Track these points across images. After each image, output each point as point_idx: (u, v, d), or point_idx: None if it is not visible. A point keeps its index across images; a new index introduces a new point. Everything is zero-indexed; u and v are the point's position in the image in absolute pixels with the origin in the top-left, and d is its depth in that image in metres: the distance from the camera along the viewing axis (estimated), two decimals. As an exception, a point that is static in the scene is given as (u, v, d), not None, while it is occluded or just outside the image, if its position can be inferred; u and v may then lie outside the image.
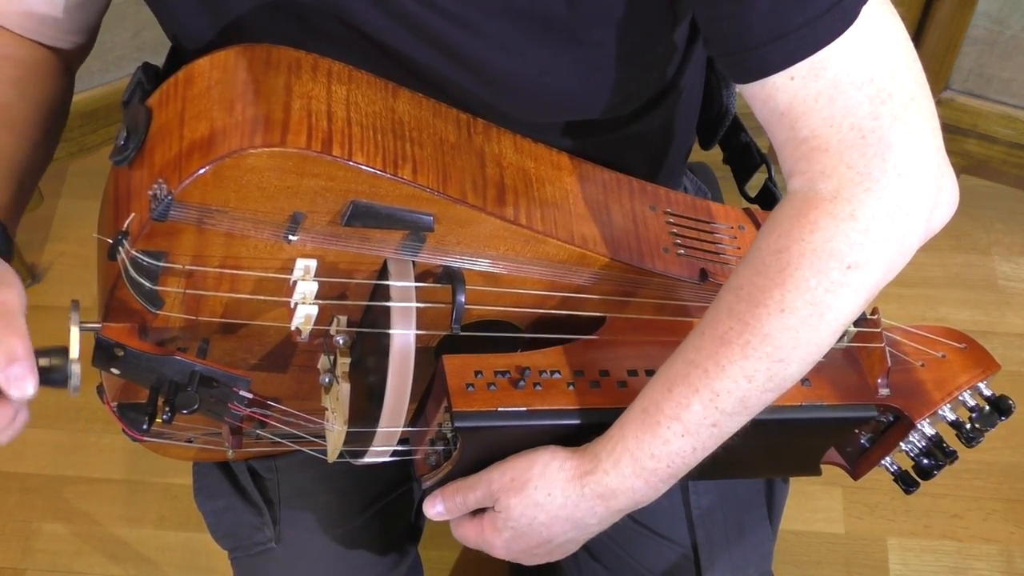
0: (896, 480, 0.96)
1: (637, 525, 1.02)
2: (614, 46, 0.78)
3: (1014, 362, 1.73)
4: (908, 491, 0.95)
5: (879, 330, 0.90)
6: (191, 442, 0.94)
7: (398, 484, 1.08)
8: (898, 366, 0.91)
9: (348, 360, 0.82)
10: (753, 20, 0.71)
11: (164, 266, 0.75)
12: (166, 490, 1.63)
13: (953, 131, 1.76)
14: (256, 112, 0.72)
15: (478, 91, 0.80)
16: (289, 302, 0.79)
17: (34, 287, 1.80)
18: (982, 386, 0.92)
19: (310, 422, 0.87)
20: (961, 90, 1.76)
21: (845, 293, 0.74)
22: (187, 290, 0.78)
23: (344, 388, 0.82)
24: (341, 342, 0.82)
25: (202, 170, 0.71)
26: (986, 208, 1.88)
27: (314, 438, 0.88)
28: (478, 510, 0.87)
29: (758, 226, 0.92)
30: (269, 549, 1.03)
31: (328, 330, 0.83)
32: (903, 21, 0.75)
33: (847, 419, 0.88)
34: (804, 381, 0.85)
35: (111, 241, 0.74)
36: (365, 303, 0.82)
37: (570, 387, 0.83)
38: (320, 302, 0.79)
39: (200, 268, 0.76)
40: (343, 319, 0.82)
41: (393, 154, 0.75)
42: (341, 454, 0.85)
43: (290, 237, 0.75)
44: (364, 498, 1.07)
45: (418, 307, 0.78)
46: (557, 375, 0.83)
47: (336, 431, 0.83)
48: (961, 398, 0.91)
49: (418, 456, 0.89)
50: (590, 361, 0.84)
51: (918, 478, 0.95)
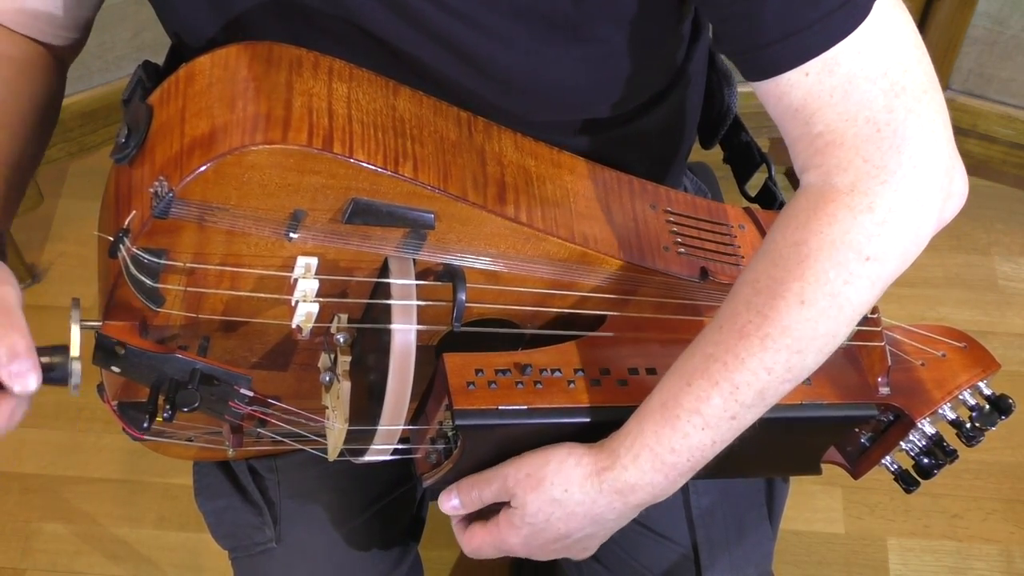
0: (896, 479, 0.96)
1: (637, 525, 1.01)
2: (619, 42, 0.79)
3: (1014, 362, 1.73)
4: (908, 490, 0.95)
5: (879, 329, 0.90)
6: (191, 441, 0.94)
7: (399, 483, 1.08)
8: (898, 365, 0.91)
9: (349, 358, 0.82)
10: (766, 17, 0.71)
11: (165, 264, 0.75)
12: (166, 490, 1.63)
13: (953, 131, 1.75)
14: (257, 109, 0.72)
15: (483, 89, 0.80)
16: (290, 300, 0.79)
17: (34, 287, 1.80)
18: (982, 385, 0.92)
19: (311, 420, 0.87)
20: (961, 90, 1.76)
21: (863, 284, 0.75)
22: (188, 288, 0.78)
23: (345, 386, 0.82)
24: (342, 340, 0.82)
25: (203, 167, 0.71)
26: (986, 208, 1.88)
27: (315, 437, 0.88)
28: (487, 515, 0.87)
29: (758, 225, 0.93)
30: (270, 549, 1.03)
31: (329, 328, 0.83)
32: (905, 21, 0.75)
33: (848, 418, 0.88)
34: (805, 380, 0.85)
35: (112, 239, 0.74)
36: (366, 301, 0.82)
37: (571, 385, 0.83)
38: (321, 300, 0.79)
39: (201, 266, 0.76)
40: (344, 317, 0.82)
41: (394, 152, 0.75)
42: (342, 453, 0.85)
43: (291, 235, 0.75)
44: (365, 497, 1.06)
45: (419, 305, 0.78)
46: (558, 373, 0.83)
47: (337, 430, 0.83)
48: (961, 397, 0.91)
49: (419, 455, 0.89)
50: (591, 359, 0.84)
51: (918, 477, 0.95)
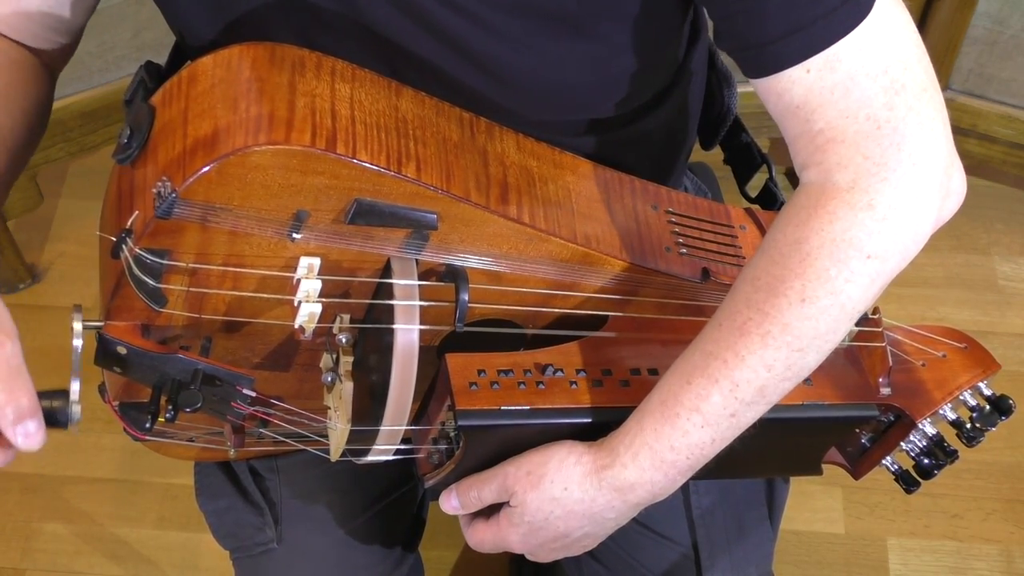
0: (897, 479, 0.96)
1: (637, 525, 1.01)
2: (621, 41, 0.79)
3: (1014, 362, 1.73)
4: (909, 491, 0.95)
5: (880, 330, 0.90)
6: (193, 441, 0.94)
7: (400, 484, 1.08)
8: (899, 366, 0.91)
9: (351, 359, 0.82)
10: (768, 14, 0.71)
11: (168, 264, 0.75)
12: (166, 490, 1.63)
13: (953, 131, 1.74)
14: (260, 110, 0.72)
15: (485, 86, 0.80)
16: (292, 300, 0.79)
17: (34, 287, 1.79)
18: (982, 386, 0.92)
19: (313, 421, 0.87)
20: (961, 90, 1.76)
21: (863, 282, 0.75)
22: (190, 288, 0.78)
23: (347, 387, 0.82)
24: (344, 340, 0.82)
25: (206, 168, 0.71)
26: (986, 208, 1.88)
27: (317, 437, 0.88)
28: (492, 511, 0.87)
29: (759, 226, 0.93)
30: (271, 549, 1.03)
31: (331, 328, 0.83)
32: (905, 20, 0.75)
33: (848, 418, 0.88)
34: (806, 380, 0.85)
35: (115, 239, 0.74)
36: (369, 301, 0.82)
37: (573, 386, 0.83)
38: (324, 300, 0.79)
39: (204, 266, 0.76)
40: (346, 317, 0.82)
41: (397, 152, 0.75)
42: (344, 453, 0.85)
43: (294, 235, 0.75)
44: (366, 498, 1.06)
45: (421, 305, 0.78)
46: (560, 374, 0.83)
47: (339, 430, 0.83)
48: (962, 398, 0.92)
49: (421, 455, 0.89)
50: (593, 360, 0.84)
51: (919, 478, 0.95)
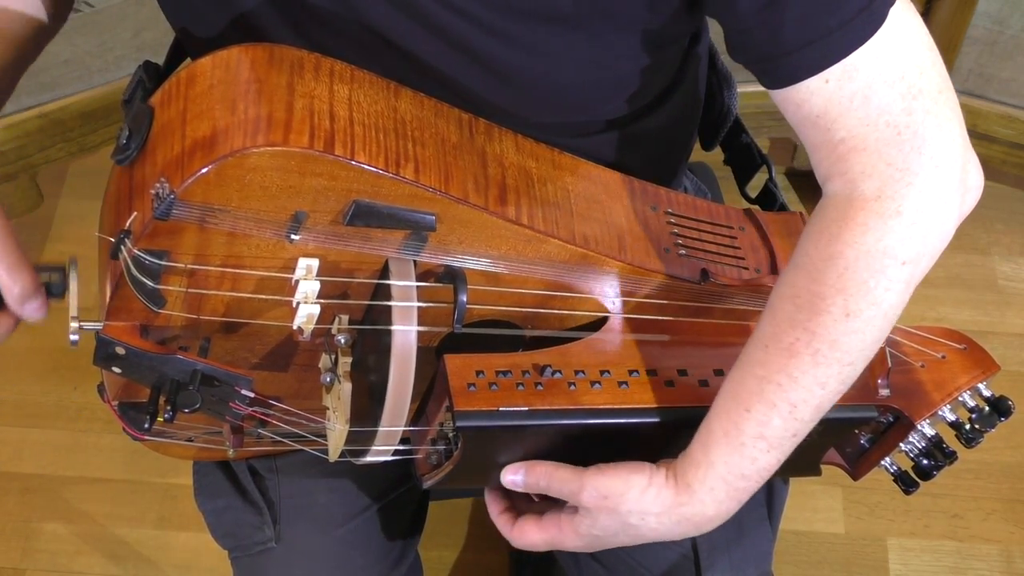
0: (896, 480, 0.96)
1: (637, 525, 1.02)
2: (621, 43, 0.78)
3: (1014, 362, 1.73)
4: (908, 491, 0.95)
5: (880, 330, 0.90)
6: (191, 441, 0.94)
7: (398, 484, 1.08)
8: (898, 367, 0.91)
9: (350, 359, 0.82)
10: (786, 27, 0.72)
11: (166, 265, 0.75)
12: (166, 490, 1.63)
13: (953, 131, 1.76)
14: (259, 111, 0.72)
15: (485, 87, 0.80)
16: (291, 301, 0.79)
17: (34, 287, 1.80)
18: (982, 387, 0.92)
19: (311, 421, 0.87)
20: (961, 90, 1.75)
21: (900, 288, 0.76)
22: (189, 289, 0.78)
23: (346, 387, 0.82)
24: (343, 341, 0.82)
25: (205, 169, 0.71)
26: (986, 208, 1.85)
27: (315, 437, 0.88)
28: (536, 510, 0.88)
29: (759, 227, 0.93)
30: (269, 549, 1.03)
31: (330, 329, 0.83)
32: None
33: (847, 419, 0.88)
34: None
35: (113, 240, 0.74)
36: (367, 302, 0.82)
37: (571, 387, 0.83)
38: (322, 301, 0.79)
39: (202, 267, 0.76)
40: (345, 318, 0.82)
41: (395, 154, 0.75)
42: (342, 453, 0.85)
43: (292, 236, 0.75)
44: (364, 498, 1.06)
45: (420, 306, 0.78)
46: (558, 375, 0.83)
47: (338, 430, 0.83)
48: (961, 399, 0.91)
49: (419, 455, 0.89)
50: (591, 361, 0.84)
51: (918, 479, 0.95)
